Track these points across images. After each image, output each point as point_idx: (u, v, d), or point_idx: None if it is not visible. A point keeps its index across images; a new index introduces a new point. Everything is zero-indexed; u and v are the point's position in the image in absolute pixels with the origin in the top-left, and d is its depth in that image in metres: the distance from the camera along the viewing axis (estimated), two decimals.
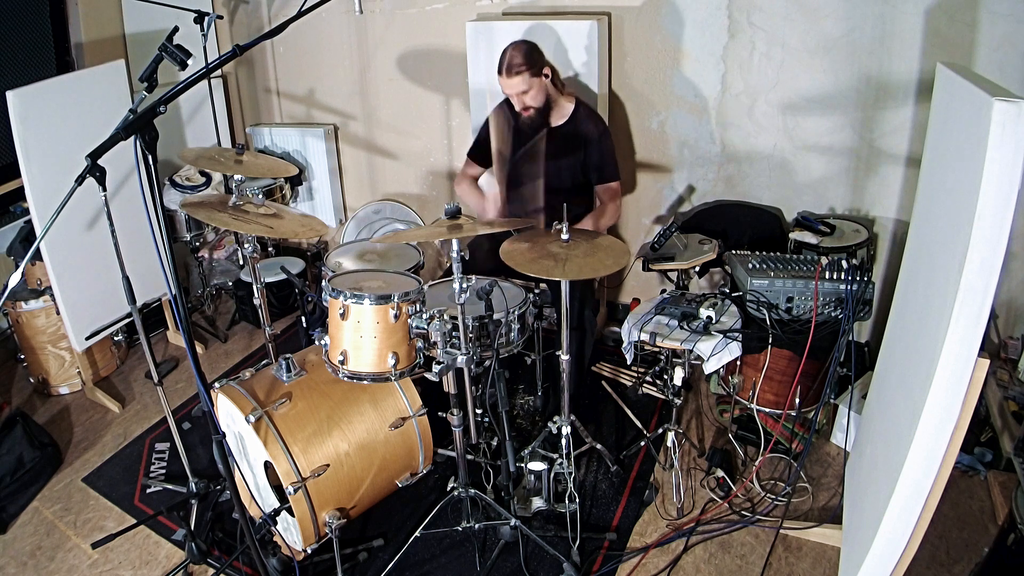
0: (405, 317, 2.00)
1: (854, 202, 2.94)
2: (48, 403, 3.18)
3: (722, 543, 2.30)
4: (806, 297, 2.39)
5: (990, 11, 2.46)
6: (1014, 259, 2.68)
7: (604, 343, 3.44)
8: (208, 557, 2.25)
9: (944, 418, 1.44)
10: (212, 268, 3.96)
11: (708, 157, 3.14)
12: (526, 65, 2.52)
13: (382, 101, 3.76)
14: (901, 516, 1.56)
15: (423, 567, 2.23)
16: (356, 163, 3.99)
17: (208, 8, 3.60)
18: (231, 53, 1.68)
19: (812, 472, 2.57)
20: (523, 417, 2.85)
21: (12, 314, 3.11)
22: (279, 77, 3.99)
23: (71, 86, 2.84)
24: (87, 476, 2.70)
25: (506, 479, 2.29)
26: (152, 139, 1.46)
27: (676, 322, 2.50)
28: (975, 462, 2.48)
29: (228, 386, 2.17)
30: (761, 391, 2.55)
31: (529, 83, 2.54)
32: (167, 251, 1.49)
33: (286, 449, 2.03)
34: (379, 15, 3.56)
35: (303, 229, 2.31)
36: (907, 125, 2.72)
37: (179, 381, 3.32)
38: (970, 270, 1.33)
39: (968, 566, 2.13)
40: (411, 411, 2.28)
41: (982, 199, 1.29)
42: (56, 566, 2.31)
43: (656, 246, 2.77)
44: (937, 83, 1.91)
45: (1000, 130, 1.25)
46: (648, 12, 3.01)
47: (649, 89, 3.13)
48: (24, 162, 2.60)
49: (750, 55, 2.89)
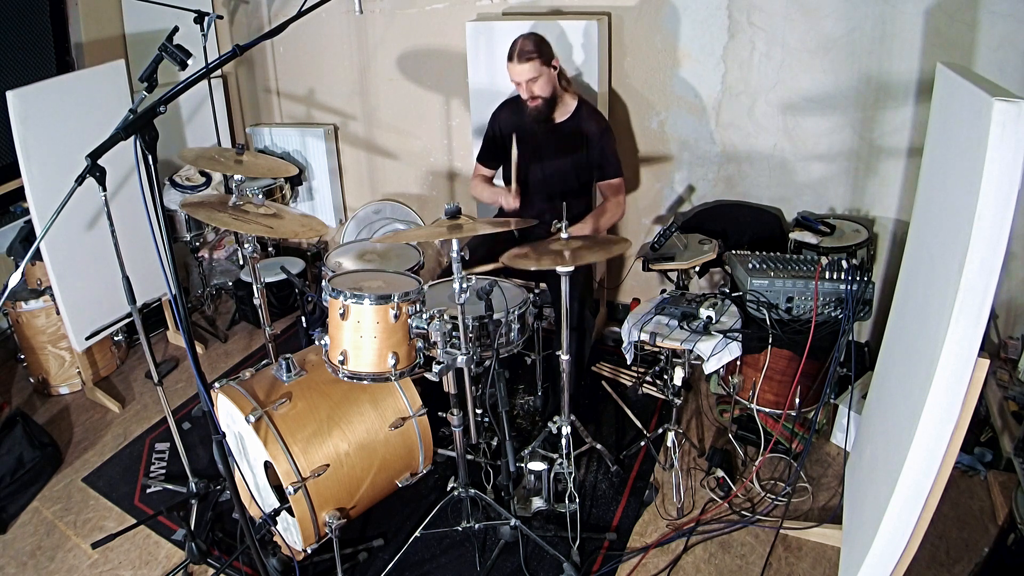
0: (405, 317, 2.00)
1: (854, 202, 2.94)
2: (48, 403, 3.18)
3: (722, 543, 2.30)
4: (806, 297, 2.39)
5: (990, 11, 2.46)
6: (1014, 259, 2.68)
7: (604, 343, 3.44)
8: (208, 557, 2.25)
9: (944, 418, 1.44)
10: (212, 268, 3.96)
11: (708, 157, 3.14)
12: (537, 52, 2.53)
13: (382, 101, 3.76)
14: (901, 516, 1.56)
15: (423, 567, 2.23)
16: (356, 163, 3.99)
17: (208, 8, 3.60)
18: (231, 53, 1.68)
19: (812, 472, 2.57)
20: (523, 417, 2.85)
21: (12, 314, 3.11)
22: (279, 77, 3.99)
23: (71, 86, 2.84)
24: (87, 476, 2.70)
25: (506, 479, 2.29)
26: (152, 139, 1.46)
27: (676, 322, 2.50)
28: (975, 462, 2.48)
29: (228, 386, 2.17)
30: (761, 391, 2.55)
31: (539, 70, 2.55)
32: (167, 251, 1.49)
33: (286, 449, 2.03)
34: (379, 15, 3.56)
35: (303, 229, 2.31)
36: (907, 125, 2.72)
37: (179, 381, 3.32)
38: (970, 270, 1.33)
39: (968, 566, 2.13)
40: (411, 411, 2.28)
41: (982, 199, 1.29)
42: (56, 566, 2.31)
43: (656, 246, 2.77)
44: (937, 83, 1.91)
45: (1000, 130, 1.25)
46: (648, 12, 3.01)
47: (649, 89, 3.13)
48: (24, 162, 2.60)
49: (750, 55, 2.89)
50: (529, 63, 2.53)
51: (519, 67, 2.55)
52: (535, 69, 2.54)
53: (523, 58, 2.53)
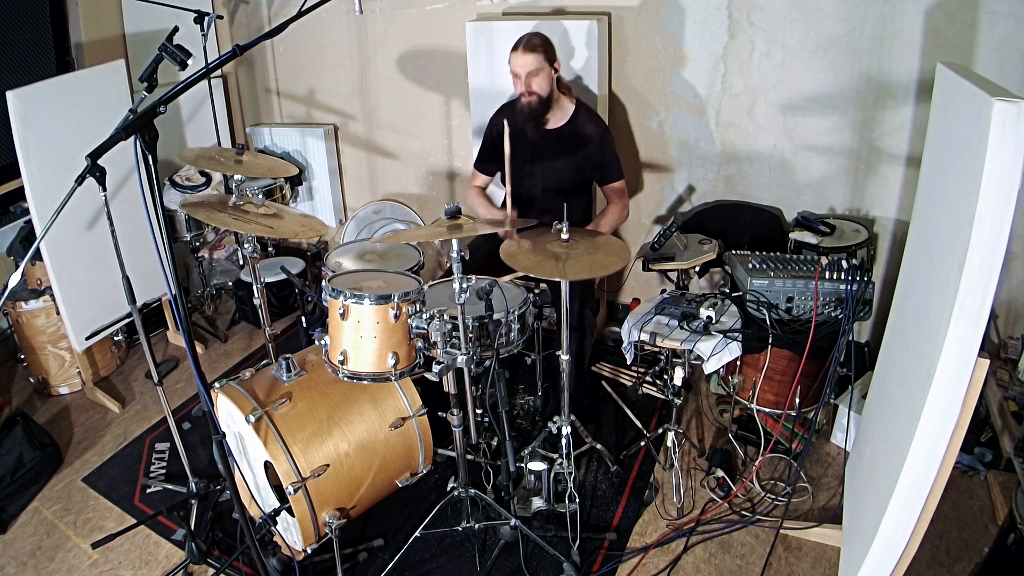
0: (405, 317, 2.00)
1: (854, 202, 2.94)
2: (48, 403, 3.18)
3: (722, 543, 2.30)
4: (806, 297, 2.39)
5: (990, 11, 2.46)
6: (1014, 259, 2.68)
7: (604, 343, 3.44)
8: (208, 557, 2.25)
9: (944, 418, 1.44)
10: (212, 268, 3.96)
11: (708, 157, 3.14)
12: (543, 47, 2.53)
13: (382, 101, 3.76)
14: (901, 516, 1.56)
15: (423, 567, 2.23)
16: (356, 163, 3.99)
17: (208, 8, 3.60)
18: (231, 53, 1.68)
19: (812, 472, 2.57)
20: (523, 417, 2.84)
21: (12, 314, 3.10)
22: (279, 77, 3.99)
23: (71, 86, 2.84)
24: (87, 476, 2.70)
25: (506, 479, 2.29)
26: (152, 139, 1.46)
27: (676, 322, 2.50)
28: (975, 462, 2.48)
29: (228, 386, 2.17)
30: (761, 391, 2.55)
31: (541, 64, 2.54)
32: (167, 251, 1.49)
33: (286, 449, 2.03)
34: (379, 15, 3.56)
35: (303, 229, 2.31)
36: (907, 125, 2.72)
37: (179, 381, 3.32)
38: (970, 270, 1.33)
39: (968, 566, 2.13)
40: (411, 411, 2.28)
41: (982, 199, 1.29)
42: (56, 566, 2.31)
43: (656, 246, 2.77)
44: (937, 83, 1.91)
45: (1000, 130, 1.25)
46: (648, 12, 3.01)
47: (649, 89, 3.13)
48: (24, 162, 2.60)
49: (750, 55, 2.89)
50: (533, 55, 2.52)
51: (523, 57, 2.54)
52: (538, 62, 2.53)
53: (528, 48, 2.52)
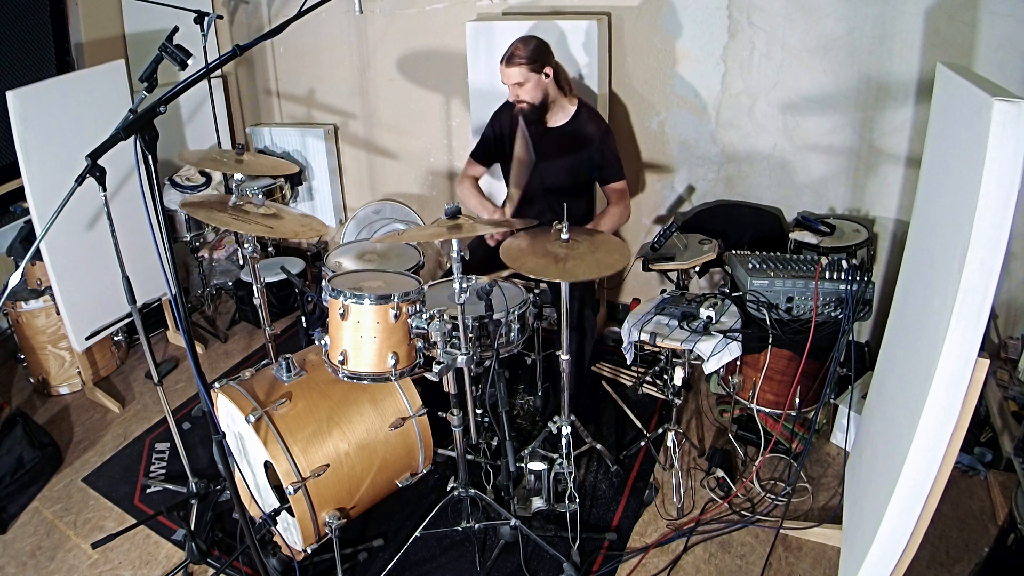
0: (405, 317, 2.00)
1: (854, 202, 2.94)
2: (48, 403, 3.18)
3: (722, 543, 2.30)
4: (806, 297, 2.39)
5: (990, 11, 2.46)
6: (1014, 259, 2.68)
7: (604, 343, 3.44)
8: (208, 557, 2.25)
9: (944, 418, 1.44)
10: (212, 268, 3.96)
11: (708, 157, 3.14)
12: (527, 60, 2.54)
13: (382, 101, 3.76)
14: (901, 516, 1.56)
15: (423, 567, 2.23)
16: (356, 163, 3.99)
17: (208, 8, 3.60)
18: (231, 53, 1.68)
19: (812, 472, 2.57)
20: (523, 417, 2.85)
21: (12, 314, 3.10)
22: (279, 77, 3.99)
23: (71, 86, 2.84)
24: (87, 476, 2.70)
25: (506, 479, 2.29)
26: (152, 139, 1.46)
27: (676, 322, 2.50)
28: (975, 462, 2.48)
29: (228, 386, 2.17)
30: (761, 391, 2.55)
31: (526, 76, 2.56)
32: (167, 251, 1.49)
33: (286, 449, 2.03)
34: (379, 15, 3.56)
35: (303, 229, 2.31)
36: (907, 125, 2.72)
37: (179, 381, 3.32)
38: (970, 270, 1.33)
39: (968, 566, 2.13)
40: (411, 411, 2.28)
41: (982, 199, 1.29)
42: (56, 566, 2.31)
43: (656, 246, 2.77)
44: (937, 83, 1.91)
45: (1000, 130, 1.25)
46: (648, 12, 3.01)
47: (649, 89, 3.13)
48: (24, 162, 2.60)
49: (750, 55, 2.89)
50: (517, 68, 2.55)
51: (507, 70, 2.58)
52: (522, 75, 2.56)
53: (512, 62, 2.55)
